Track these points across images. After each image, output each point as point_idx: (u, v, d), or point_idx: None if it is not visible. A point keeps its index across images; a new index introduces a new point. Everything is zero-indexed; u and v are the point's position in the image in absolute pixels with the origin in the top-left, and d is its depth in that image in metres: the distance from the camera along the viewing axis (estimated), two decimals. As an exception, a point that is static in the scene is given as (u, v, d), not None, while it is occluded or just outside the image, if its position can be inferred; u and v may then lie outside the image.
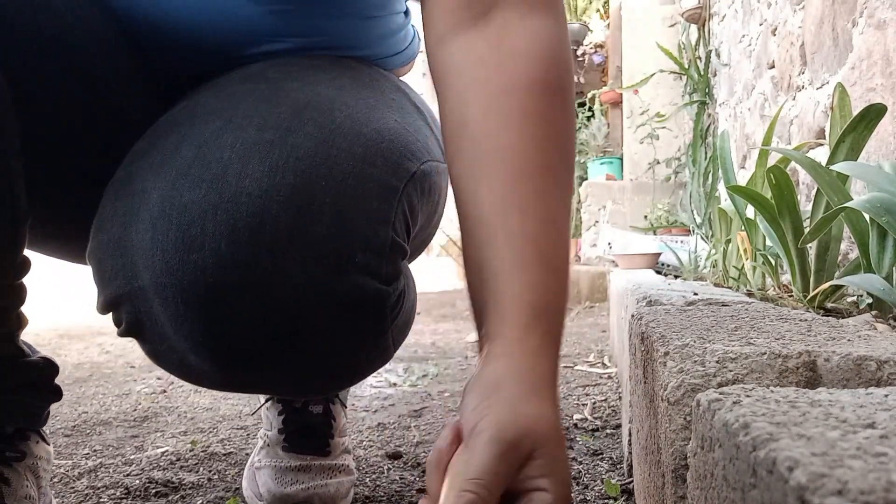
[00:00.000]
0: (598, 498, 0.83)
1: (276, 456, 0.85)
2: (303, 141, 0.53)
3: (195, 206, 0.50)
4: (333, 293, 0.52)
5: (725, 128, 2.75)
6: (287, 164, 0.51)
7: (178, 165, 0.53)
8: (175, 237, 0.50)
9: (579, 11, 5.17)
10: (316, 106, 0.57)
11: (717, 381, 0.41)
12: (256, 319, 0.51)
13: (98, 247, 0.56)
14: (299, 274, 0.51)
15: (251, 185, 0.50)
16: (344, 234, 0.52)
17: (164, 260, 0.50)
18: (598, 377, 1.59)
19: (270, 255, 0.50)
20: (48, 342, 2.54)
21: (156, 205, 0.52)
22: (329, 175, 0.53)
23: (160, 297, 0.52)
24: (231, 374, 0.56)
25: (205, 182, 0.51)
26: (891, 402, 0.30)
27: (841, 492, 0.19)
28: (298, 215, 0.51)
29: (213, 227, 0.50)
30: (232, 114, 0.55)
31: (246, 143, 0.52)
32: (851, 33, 1.28)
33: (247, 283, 0.50)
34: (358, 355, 0.59)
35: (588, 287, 3.63)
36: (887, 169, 0.82)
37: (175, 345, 0.54)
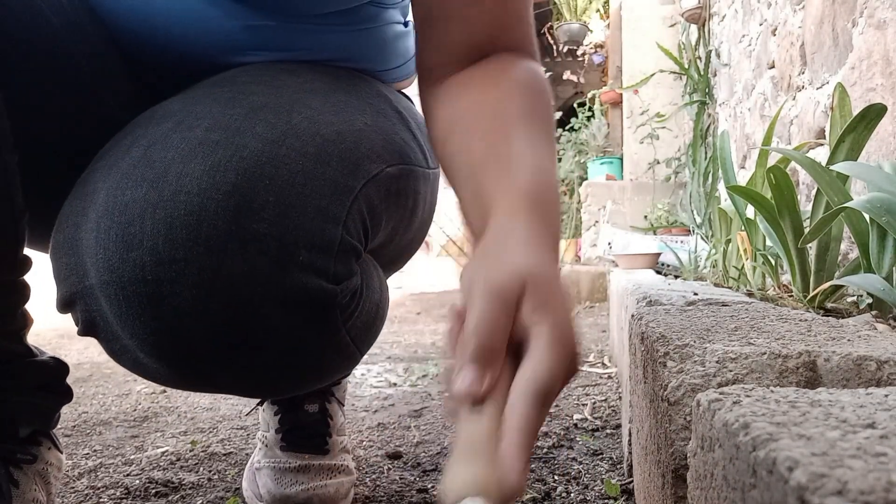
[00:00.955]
0: (598, 498, 0.83)
1: (275, 456, 0.85)
2: (250, 141, 0.54)
3: (135, 204, 0.51)
4: (274, 289, 0.52)
5: (725, 128, 2.75)
6: (230, 163, 0.52)
7: (124, 166, 0.53)
8: (116, 235, 0.51)
9: (579, 11, 5.17)
10: (273, 107, 0.57)
11: (717, 381, 0.41)
12: (197, 315, 0.51)
13: (55, 246, 0.56)
14: (238, 269, 0.51)
15: (190, 184, 0.51)
16: (287, 232, 0.53)
17: (106, 258, 0.51)
18: (598, 377, 1.59)
19: (208, 252, 0.50)
20: (48, 342, 2.54)
21: (101, 204, 0.52)
22: (275, 173, 0.53)
23: (105, 296, 0.52)
24: (181, 372, 0.56)
25: (146, 181, 0.51)
26: (891, 402, 0.30)
27: (841, 492, 0.19)
28: (237, 213, 0.51)
29: (151, 225, 0.50)
30: (184, 116, 0.56)
31: (191, 144, 0.53)
32: (851, 33, 1.28)
33: (184, 278, 0.50)
34: (310, 354, 0.59)
35: (588, 287, 3.63)
36: (887, 169, 0.82)
37: (126, 343, 0.55)
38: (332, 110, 0.61)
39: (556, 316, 0.40)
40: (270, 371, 0.58)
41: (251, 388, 0.64)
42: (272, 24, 0.65)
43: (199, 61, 0.65)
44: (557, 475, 0.92)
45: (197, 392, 0.65)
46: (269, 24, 0.65)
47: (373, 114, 0.65)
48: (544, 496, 0.84)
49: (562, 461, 0.98)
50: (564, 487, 0.87)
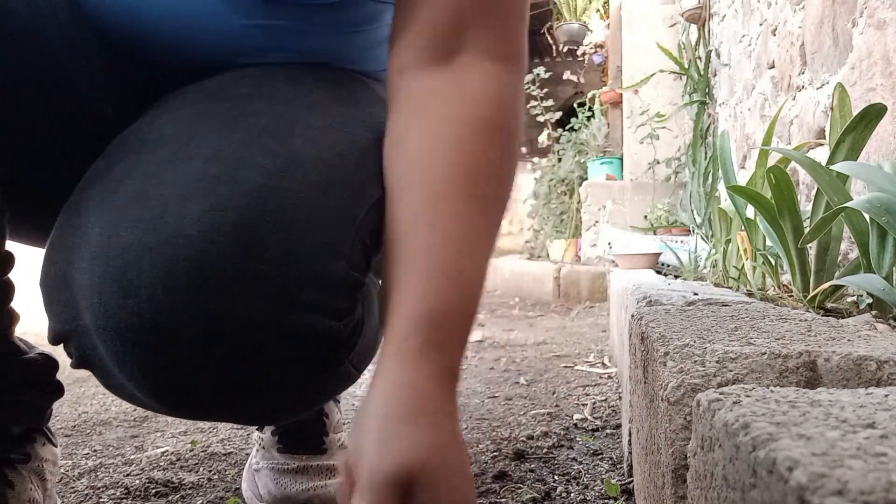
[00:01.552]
0: (598, 498, 0.83)
1: (272, 458, 0.85)
2: (252, 175, 0.51)
3: (132, 248, 0.49)
4: (279, 333, 0.51)
5: (725, 128, 2.75)
6: (230, 202, 0.49)
7: (119, 202, 0.51)
8: (111, 280, 0.49)
9: (579, 11, 5.17)
10: (274, 132, 0.55)
11: (717, 381, 0.41)
12: (197, 362, 0.50)
13: (46, 278, 0.55)
14: (242, 315, 0.49)
15: (189, 227, 0.48)
16: (290, 272, 0.50)
17: (101, 303, 0.49)
18: (598, 377, 1.60)
19: (209, 299, 0.48)
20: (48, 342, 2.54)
21: (95, 243, 0.50)
22: (278, 209, 0.51)
23: (101, 339, 0.51)
24: (179, 413, 0.55)
25: (143, 223, 0.49)
26: (891, 402, 0.30)
27: (841, 492, 0.19)
28: (240, 256, 0.49)
29: (149, 272, 0.48)
30: (181, 144, 0.53)
31: (189, 180, 0.50)
32: (851, 33, 1.28)
33: (185, 327, 0.48)
34: (313, 387, 0.58)
35: (588, 287, 3.63)
36: (887, 169, 0.82)
37: (122, 382, 0.54)
38: (333, 127, 0.59)
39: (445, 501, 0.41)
40: (272, 406, 0.57)
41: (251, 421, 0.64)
42: (275, 24, 0.63)
43: (198, 61, 0.64)
44: (557, 475, 0.92)
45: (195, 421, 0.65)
46: (272, 23, 0.63)
47: (373, 125, 0.63)
48: (544, 496, 0.84)
49: (562, 461, 0.98)
50: (564, 487, 0.87)
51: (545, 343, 2.22)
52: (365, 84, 0.70)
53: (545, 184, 4.80)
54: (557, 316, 3.11)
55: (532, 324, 2.84)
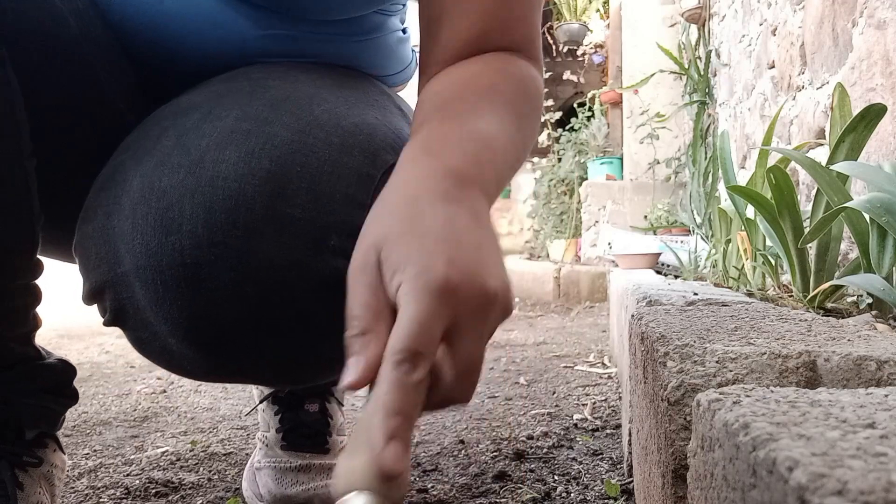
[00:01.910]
0: (598, 498, 0.83)
1: (275, 456, 0.85)
2: (280, 130, 0.55)
3: (173, 190, 0.52)
4: (309, 273, 0.53)
5: (725, 128, 2.75)
6: (263, 151, 0.53)
7: (158, 154, 0.54)
8: (154, 220, 0.52)
9: (579, 11, 5.17)
10: (294, 100, 0.59)
11: (717, 381, 0.41)
12: (233, 298, 0.52)
13: (83, 237, 0.57)
14: (275, 254, 0.52)
15: (227, 170, 0.52)
16: (319, 217, 0.54)
17: (143, 243, 0.52)
18: (598, 377, 1.60)
19: (246, 235, 0.51)
20: (48, 342, 2.54)
21: (136, 191, 0.53)
22: (305, 162, 0.54)
23: (140, 281, 0.53)
24: (211, 356, 0.56)
25: (183, 168, 0.52)
26: (891, 402, 0.30)
27: (841, 492, 0.19)
28: (273, 198, 0.52)
29: (190, 210, 0.51)
30: (212, 107, 0.57)
31: (224, 132, 0.54)
32: (851, 33, 1.28)
33: (223, 262, 0.51)
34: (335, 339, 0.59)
35: (588, 287, 3.63)
36: (887, 169, 0.82)
37: (157, 330, 0.55)
38: (345, 104, 0.62)
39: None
40: (298, 356, 0.59)
41: (276, 374, 0.64)
42: (287, 34, 0.66)
43: (211, 69, 0.66)
44: (557, 475, 0.92)
45: (217, 381, 0.65)
46: (284, 33, 0.65)
47: (380, 109, 0.66)
48: (544, 496, 0.84)
49: (562, 461, 0.98)
50: (564, 487, 0.87)
51: (545, 343, 2.22)
52: (371, 81, 0.73)
53: (545, 184, 4.80)
54: (557, 316, 3.11)
55: (532, 324, 2.84)
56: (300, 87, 0.61)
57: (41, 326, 0.69)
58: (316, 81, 0.63)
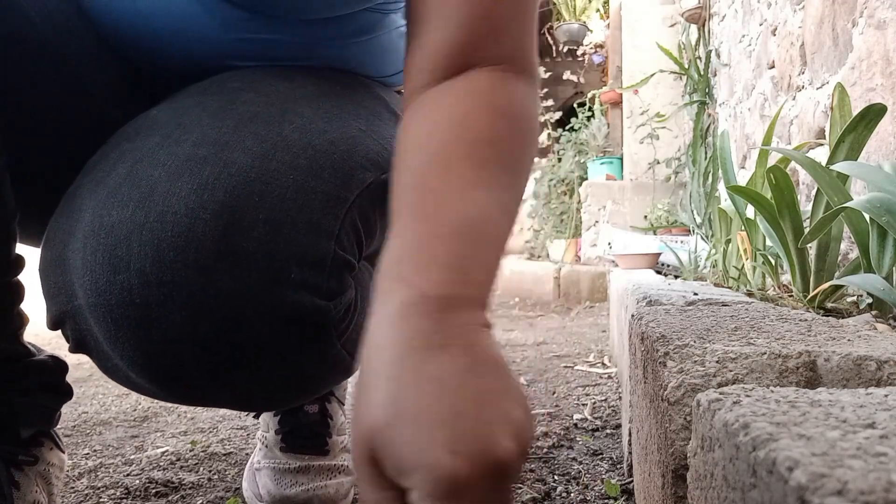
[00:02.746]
0: (598, 498, 0.83)
1: (274, 457, 0.85)
2: (239, 156, 0.52)
3: (122, 225, 0.50)
4: (265, 308, 0.51)
5: (725, 128, 2.75)
6: (218, 181, 0.51)
7: (111, 184, 0.52)
8: (102, 257, 0.50)
9: (579, 11, 5.17)
10: (264, 118, 0.56)
11: (717, 381, 0.41)
12: (187, 336, 0.51)
13: (44, 263, 0.56)
14: (228, 289, 0.50)
15: (177, 204, 0.50)
16: (277, 250, 0.51)
17: (93, 280, 0.50)
18: (598, 377, 1.60)
19: (197, 273, 0.49)
20: (48, 342, 2.54)
21: (87, 224, 0.52)
22: (264, 190, 0.52)
23: (93, 318, 0.52)
24: (173, 393, 0.56)
25: (133, 201, 0.50)
26: (891, 402, 0.30)
27: (841, 492, 0.19)
28: (226, 233, 0.50)
29: (138, 247, 0.49)
30: (173, 129, 0.55)
31: (179, 160, 0.52)
32: (851, 33, 1.28)
33: (173, 301, 0.49)
34: (304, 370, 0.58)
35: (588, 287, 3.63)
36: (887, 169, 0.82)
37: (117, 364, 0.54)
38: (324, 117, 0.59)
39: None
40: (264, 388, 0.57)
41: (245, 405, 0.63)
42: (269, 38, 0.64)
43: (193, 65, 0.65)
44: (557, 475, 0.92)
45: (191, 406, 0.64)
46: (266, 37, 0.63)
47: (367, 117, 0.63)
48: (544, 496, 0.84)
49: (562, 461, 0.98)
50: (564, 487, 0.87)
51: (545, 343, 2.22)
52: (363, 83, 0.70)
53: (545, 184, 4.80)
54: (557, 316, 3.11)
55: (532, 324, 2.84)
56: (274, 101, 0.58)
57: (28, 323, 0.68)
58: (296, 91, 0.61)
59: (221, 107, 0.57)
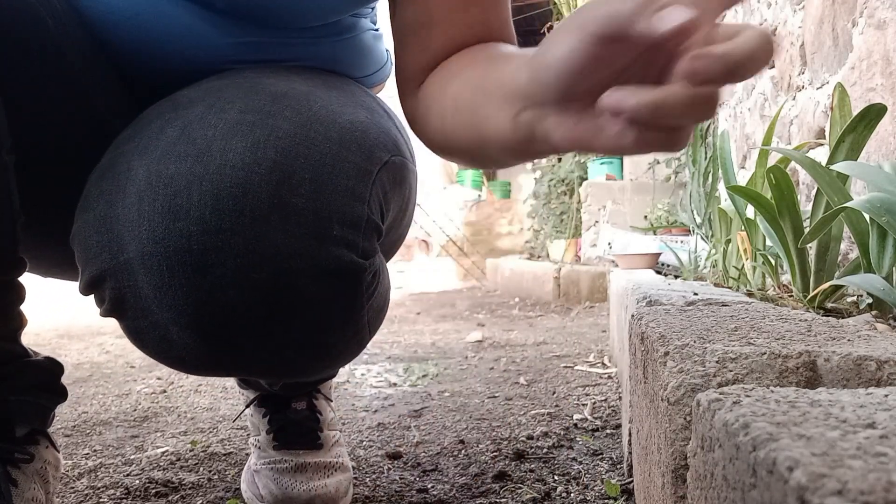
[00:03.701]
0: (598, 498, 0.83)
1: (269, 456, 0.85)
2: (282, 123, 0.56)
3: (181, 177, 0.53)
4: (312, 260, 0.55)
5: (725, 128, 2.75)
6: (268, 142, 0.54)
7: (163, 144, 0.55)
8: (161, 207, 0.52)
9: (579, 11, 5.16)
10: (293, 96, 0.60)
11: (717, 381, 0.41)
12: (239, 284, 0.53)
13: (83, 226, 0.57)
14: (280, 241, 0.53)
15: (234, 158, 0.53)
16: (322, 207, 0.55)
17: (150, 229, 0.52)
18: (598, 377, 1.59)
19: (252, 222, 0.52)
20: (48, 342, 2.54)
21: (142, 179, 0.54)
22: (308, 154, 0.56)
23: (145, 267, 0.53)
24: (213, 343, 0.56)
25: (190, 156, 0.53)
26: (891, 402, 0.30)
27: (841, 492, 0.19)
28: (279, 187, 0.53)
29: (198, 197, 0.52)
30: (214, 100, 0.58)
31: (229, 123, 0.55)
32: (851, 33, 1.28)
33: (230, 248, 0.52)
34: (335, 330, 0.61)
35: (588, 287, 3.63)
36: (887, 169, 0.82)
37: (158, 319, 0.55)
38: (337, 102, 0.63)
39: None
40: (300, 345, 0.59)
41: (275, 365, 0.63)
42: (261, 41, 0.67)
43: (192, 69, 0.66)
44: (557, 475, 0.92)
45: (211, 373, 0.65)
46: (258, 40, 0.66)
47: (368, 109, 0.67)
48: (544, 496, 0.84)
49: (562, 461, 0.98)
50: (564, 487, 0.87)
51: (545, 343, 2.22)
52: (350, 81, 0.74)
53: (545, 184, 4.80)
54: (557, 316, 3.11)
55: (532, 324, 2.84)
56: (295, 86, 0.62)
57: (27, 325, 0.69)
58: (307, 81, 0.65)
59: (251, 86, 0.60)
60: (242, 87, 0.60)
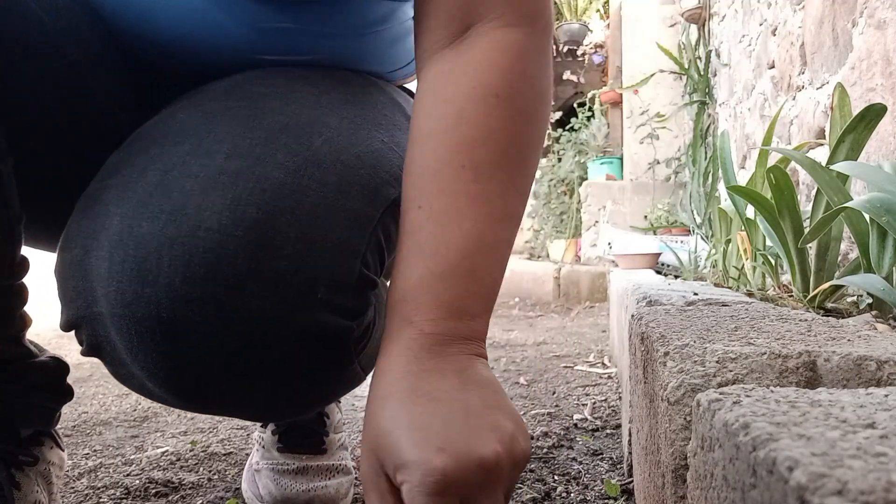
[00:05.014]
0: (598, 498, 0.83)
1: (272, 457, 0.85)
2: (272, 171, 0.52)
3: (152, 238, 0.49)
4: (291, 327, 0.51)
5: (725, 128, 2.75)
6: (251, 197, 0.50)
7: (141, 192, 0.51)
8: (130, 269, 0.49)
9: (579, 11, 5.17)
10: (293, 129, 0.55)
11: (717, 381, 0.41)
12: (210, 355, 0.51)
13: (62, 266, 0.55)
14: (255, 311, 0.50)
15: (210, 219, 0.49)
16: (306, 270, 0.51)
17: (118, 291, 0.50)
18: (598, 377, 1.59)
19: (226, 291, 0.49)
20: (48, 342, 2.54)
21: (115, 232, 0.51)
22: (296, 207, 0.51)
23: (115, 328, 0.51)
24: (189, 404, 0.56)
25: (164, 213, 0.50)
26: (891, 402, 0.30)
27: (841, 492, 0.19)
28: (258, 251, 0.49)
29: (168, 262, 0.49)
30: (203, 137, 0.54)
31: (211, 173, 0.51)
32: (851, 33, 1.28)
33: (201, 318, 0.49)
34: (321, 386, 0.59)
35: (588, 287, 3.63)
36: (887, 169, 0.82)
37: (133, 371, 0.54)
38: (350, 128, 0.59)
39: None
40: (281, 401, 0.58)
41: (258, 416, 0.64)
42: (284, 27, 0.63)
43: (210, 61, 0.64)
44: (557, 475, 0.92)
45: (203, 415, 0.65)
46: (281, 26, 0.63)
47: (388, 127, 0.63)
48: (544, 496, 0.84)
49: (562, 461, 0.98)
50: (564, 487, 0.87)
51: (545, 343, 2.22)
52: (380, 88, 0.70)
53: (545, 184, 4.80)
54: (557, 316, 3.11)
55: (532, 324, 2.84)
56: (302, 111, 0.58)
57: (31, 325, 0.68)
58: (321, 98, 0.60)
59: (250, 115, 0.56)
60: (240, 115, 0.56)
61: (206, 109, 0.57)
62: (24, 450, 0.68)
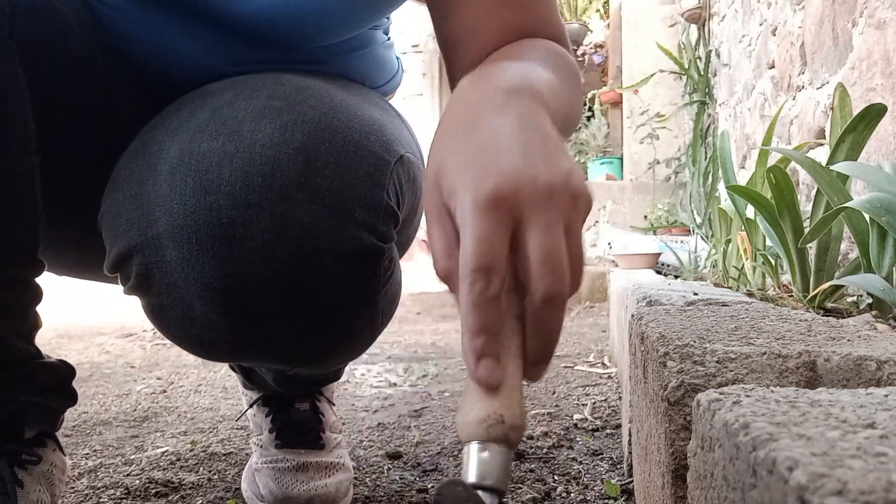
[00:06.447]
0: (598, 498, 0.83)
1: (271, 455, 0.85)
2: (308, 110, 0.59)
3: (213, 154, 0.55)
4: (335, 239, 0.57)
5: (725, 128, 2.75)
6: (296, 125, 0.57)
7: (194, 125, 0.58)
8: (193, 182, 0.55)
9: (579, 11, 5.16)
10: (315, 88, 0.63)
11: (717, 381, 0.41)
12: (265, 259, 0.55)
13: (112, 205, 0.59)
14: (305, 219, 0.56)
15: (264, 138, 0.56)
16: (345, 190, 0.58)
17: (181, 203, 0.55)
18: (598, 377, 1.60)
19: (280, 199, 0.55)
20: (48, 342, 2.54)
21: (175, 157, 0.56)
22: (332, 139, 0.58)
23: (175, 241, 0.55)
24: (236, 319, 0.57)
25: (221, 135, 0.56)
26: (891, 402, 0.30)
27: (841, 492, 0.19)
28: (306, 167, 0.56)
29: (228, 173, 0.55)
30: (241, 88, 0.60)
31: (258, 107, 0.58)
32: (851, 33, 1.28)
33: (257, 223, 0.54)
34: (352, 312, 0.62)
35: (588, 287, 3.62)
36: (887, 169, 0.82)
37: (183, 294, 0.57)
38: (355, 100, 0.66)
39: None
40: (319, 325, 0.60)
41: (290, 345, 0.63)
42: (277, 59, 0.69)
43: None
44: (557, 475, 0.92)
45: (228, 357, 0.66)
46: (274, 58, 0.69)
47: (382, 110, 0.69)
48: (544, 496, 0.84)
49: (562, 461, 0.98)
50: (564, 487, 0.87)
51: (545, 343, 2.21)
52: (371, 91, 0.76)
53: (545, 184, 4.79)
54: (557, 316, 3.10)
55: (532, 324, 2.83)
56: (316, 82, 0.64)
57: (41, 326, 0.69)
58: (326, 81, 0.67)
59: (276, 79, 0.63)
60: (268, 79, 0.63)
61: (234, 80, 0.64)
62: (28, 449, 0.68)
